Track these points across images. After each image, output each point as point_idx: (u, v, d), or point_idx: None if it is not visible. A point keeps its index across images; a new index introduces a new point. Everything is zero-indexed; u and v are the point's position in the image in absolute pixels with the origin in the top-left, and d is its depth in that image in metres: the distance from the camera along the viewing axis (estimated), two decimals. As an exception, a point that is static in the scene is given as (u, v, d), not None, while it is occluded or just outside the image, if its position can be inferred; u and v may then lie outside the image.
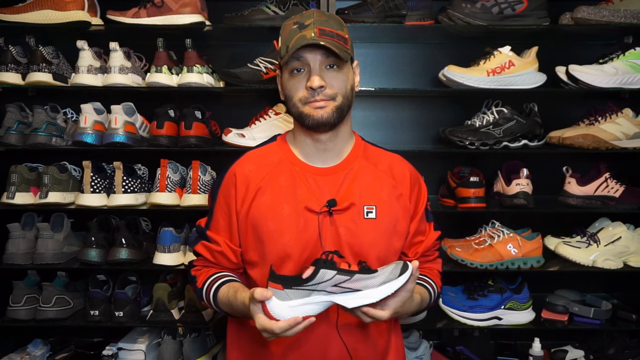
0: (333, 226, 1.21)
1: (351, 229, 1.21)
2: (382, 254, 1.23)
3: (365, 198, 1.23)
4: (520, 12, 1.85)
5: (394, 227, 1.25)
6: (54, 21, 1.81)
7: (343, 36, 1.18)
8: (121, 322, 1.89)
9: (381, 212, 1.23)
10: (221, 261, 1.27)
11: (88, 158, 1.87)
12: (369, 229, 1.22)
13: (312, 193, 1.22)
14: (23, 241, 1.87)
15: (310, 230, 1.20)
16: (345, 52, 1.17)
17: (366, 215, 1.22)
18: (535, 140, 1.94)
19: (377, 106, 2.19)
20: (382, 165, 1.29)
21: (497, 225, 1.95)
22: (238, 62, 1.93)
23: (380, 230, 1.23)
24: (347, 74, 1.20)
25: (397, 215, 1.25)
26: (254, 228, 1.22)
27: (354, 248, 1.21)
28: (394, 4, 1.85)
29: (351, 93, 1.22)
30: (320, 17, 1.18)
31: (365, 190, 1.24)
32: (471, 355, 2.07)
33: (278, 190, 1.23)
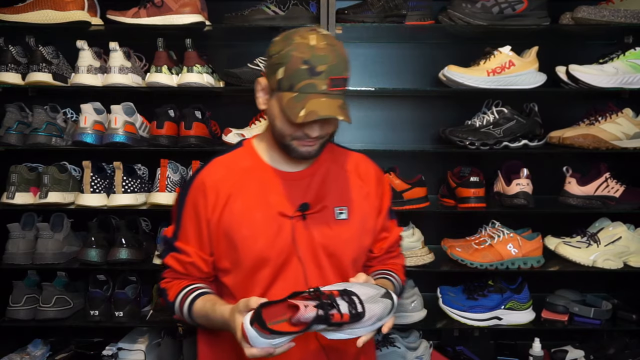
0: (307, 230, 1.21)
1: (325, 232, 1.22)
2: (355, 253, 1.26)
3: (336, 199, 1.25)
4: (521, 12, 1.85)
5: (364, 225, 1.26)
6: (54, 21, 1.81)
7: (347, 78, 1.17)
8: (121, 322, 1.89)
9: (352, 211, 1.25)
10: (192, 272, 1.24)
11: (88, 158, 1.87)
12: (342, 230, 1.23)
13: (284, 198, 1.22)
14: (23, 241, 1.87)
15: (284, 235, 1.19)
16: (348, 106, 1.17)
17: (338, 216, 1.23)
18: (536, 140, 1.94)
19: (377, 106, 2.19)
20: (349, 165, 1.30)
21: (497, 225, 1.95)
22: (238, 62, 1.93)
23: (353, 230, 1.24)
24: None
25: (366, 214, 1.27)
26: (226, 235, 1.20)
27: (329, 249, 1.22)
28: (394, 4, 1.85)
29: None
30: (333, 60, 1.11)
31: (335, 191, 1.25)
32: (471, 355, 2.07)
33: (249, 197, 1.21)
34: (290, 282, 1.19)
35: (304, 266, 1.21)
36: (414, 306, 1.92)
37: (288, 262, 1.20)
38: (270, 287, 1.20)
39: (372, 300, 1.06)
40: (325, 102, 1.11)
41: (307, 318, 0.97)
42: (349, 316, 1.01)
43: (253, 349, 0.97)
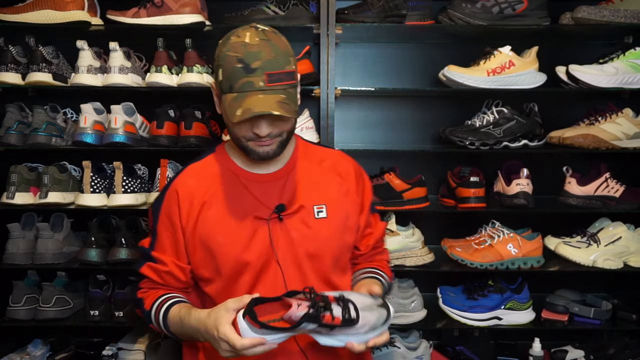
0: (284, 231, 1.19)
1: (303, 232, 1.20)
2: (337, 251, 1.24)
3: (314, 198, 1.23)
4: (521, 12, 1.85)
5: (345, 223, 1.25)
6: (53, 21, 1.81)
7: (291, 71, 1.11)
8: (121, 322, 1.89)
9: (331, 209, 1.23)
10: (169, 281, 1.24)
11: (88, 158, 1.87)
12: (322, 228, 1.21)
13: (258, 201, 1.21)
14: (23, 241, 1.87)
15: (260, 238, 1.18)
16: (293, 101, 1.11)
17: (317, 215, 1.22)
18: (536, 140, 1.94)
19: (377, 106, 2.19)
20: (326, 163, 1.29)
21: (497, 225, 1.95)
22: (238, 62, 1.93)
23: (333, 228, 1.23)
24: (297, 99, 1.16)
25: (347, 211, 1.25)
26: (202, 243, 1.19)
27: (309, 250, 1.20)
28: (394, 4, 1.85)
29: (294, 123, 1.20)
30: (268, 55, 1.08)
31: (313, 190, 1.24)
32: (471, 355, 2.07)
33: (223, 202, 1.20)
34: (270, 286, 1.17)
35: (283, 269, 1.19)
36: (414, 306, 1.92)
37: (267, 265, 1.19)
38: (252, 292, 1.14)
39: (367, 308, 1.06)
40: (262, 99, 1.08)
41: (298, 315, 0.97)
42: (340, 320, 1.00)
43: (244, 339, 0.98)
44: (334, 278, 1.25)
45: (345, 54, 2.12)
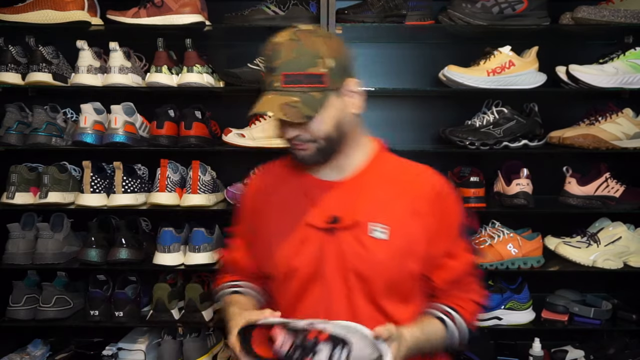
0: (336, 245, 1.11)
1: (356, 249, 1.10)
2: (393, 278, 1.11)
3: (375, 215, 1.11)
4: (521, 12, 1.85)
5: (409, 248, 1.10)
6: (53, 21, 1.81)
7: (316, 74, 1.05)
8: (121, 322, 1.89)
9: (394, 231, 1.09)
10: (239, 269, 1.26)
11: (88, 158, 1.87)
12: (378, 250, 1.09)
13: (315, 208, 1.14)
14: (23, 241, 1.87)
15: (311, 247, 1.12)
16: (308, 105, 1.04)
17: (373, 235, 1.10)
18: (535, 140, 1.94)
19: (377, 106, 2.18)
20: (401, 178, 1.15)
21: (497, 225, 1.95)
22: (238, 62, 1.93)
23: (392, 251, 1.09)
24: (329, 110, 1.07)
25: (412, 235, 1.10)
26: (262, 240, 1.19)
27: (359, 269, 1.10)
28: (394, 4, 1.85)
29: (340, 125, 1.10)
30: (288, 55, 1.05)
31: (375, 207, 1.12)
32: (471, 355, 2.07)
33: (282, 203, 1.18)
34: (316, 298, 1.12)
35: (330, 286, 1.11)
36: (414, 306, 1.92)
37: (315, 277, 1.12)
38: (298, 301, 1.13)
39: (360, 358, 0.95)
40: (270, 99, 1.05)
41: (281, 353, 0.96)
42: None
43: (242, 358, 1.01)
44: (387, 305, 1.11)
45: (345, 54, 2.12)
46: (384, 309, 1.11)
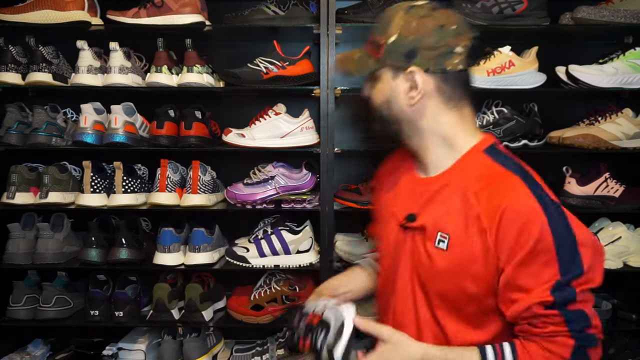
0: (409, 243, 1.10)
1: (420, 252, 1.07)
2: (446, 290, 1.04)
3: (441, 223, 1.04)
4: (520, 12, 1.85)
5: (469, 266, 1.00)
6: (54, 21, 1.81)
7: (378, 42, 1.06)
8: (121, 322, 1.89)
9: (453, 244, 1.01)
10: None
11: (88, 158, 1.87)
12: (435, 258, 1.03)
13: (401, 201, 1.14)
14: (23, 241, 1.87)
15: (392, 238, 1.14)
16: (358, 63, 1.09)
17: (437, 244, 1.03)
18: (535, 140, 1.94)
19: (377, 106, 2.19)
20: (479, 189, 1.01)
21: (497, 225, 1.95)
22: (238, 62, 1.93)
23: (449, 264, 1.02)
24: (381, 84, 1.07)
25: (473, 254, 0.99)
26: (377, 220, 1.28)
27: (419, 272, 1.08)
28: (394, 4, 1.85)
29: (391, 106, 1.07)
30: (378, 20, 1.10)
31: (444, 213, 1.04)
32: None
33: (387, 191, 1.21)
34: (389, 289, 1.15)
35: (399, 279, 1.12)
36: (414, 306, 1.92)
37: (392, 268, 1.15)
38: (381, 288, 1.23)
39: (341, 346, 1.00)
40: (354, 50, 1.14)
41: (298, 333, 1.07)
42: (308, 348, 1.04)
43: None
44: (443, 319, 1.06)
45: (345, 54, 2.12)
46: (440, 321, 1.06)
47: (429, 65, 1.03)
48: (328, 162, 1.85)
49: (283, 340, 1.97)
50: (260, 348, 1.97)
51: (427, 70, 1.03)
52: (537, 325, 0.96)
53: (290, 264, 1.90)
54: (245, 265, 1.89)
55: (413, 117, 1.07)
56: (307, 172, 1.93)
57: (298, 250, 1.91)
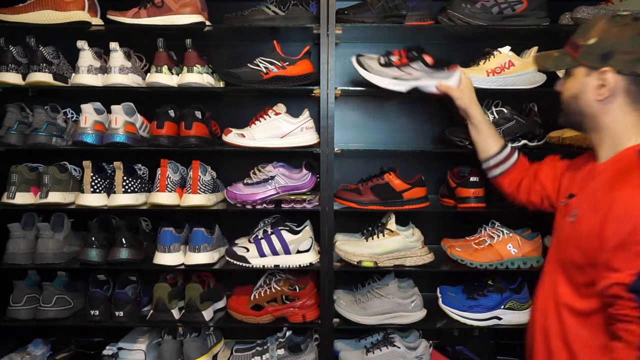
0: (561, 217, 1.34)
1: (562, 227, 1.31)
2: (566, 261, 1.26)
3: (580, 200, 1.26)
4: (520, 12, 1.85)
5: (582, 241, 1.19)
6: (54, 21, 1.81)
7: (577, 43, 1.25)
8: (121, 322, 1.90)
9: (579, 218, 1.23)
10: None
11: (88, 158, 1.88)
12: (565, 230, 1.29)
13: (575, 180, 1.35)
14: (23, 241, 1.88)
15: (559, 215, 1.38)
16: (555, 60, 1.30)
17: (570, 217, 1.26)
18: (535, 140, 1.94)
19: (377, 106, 2.19)
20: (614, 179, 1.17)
21: (497, 225, 1.95)
22: (238, 62, 1.94)
23: (570, 235, 1.25)
24: (573, 80, 1.27)
25: (588, 230, 1.16)
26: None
27: (556, 242, 1.35)
28: (394, 4, 1.85)
29: (578, 101, 1.26)
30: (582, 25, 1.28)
31: (587, 194, 1.25)
32: (471, 355, 2.07)
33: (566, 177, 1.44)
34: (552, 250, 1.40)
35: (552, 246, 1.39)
36: (414, 306, 1.93)
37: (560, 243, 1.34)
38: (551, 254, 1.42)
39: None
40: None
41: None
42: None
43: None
44: (560, 283, 1.28)
45: (345, 54, 2.12)
46: (557, 284, 1.28)
47: (621, 67, 1.18)
48: (328, 162, 1.86)
49: (283, 340, 1.98)
50: (260, 348, 1.97)
51: (619, 72, 1.18)
52: (614, 306, 1.09)
53: (290, 264, 1.90)
54: (245, 265, 1.89)
55: (597, 113, 1.23)
56: (307, 172, 1.93)
57: (298, 250, 1.91)
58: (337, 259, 1.92)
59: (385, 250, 1.89)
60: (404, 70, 1.69)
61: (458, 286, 2.03)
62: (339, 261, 1.93)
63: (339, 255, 1.91)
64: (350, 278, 2.12)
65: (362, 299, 1.96)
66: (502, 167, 1.66)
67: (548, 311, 1.30)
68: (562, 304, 1.25)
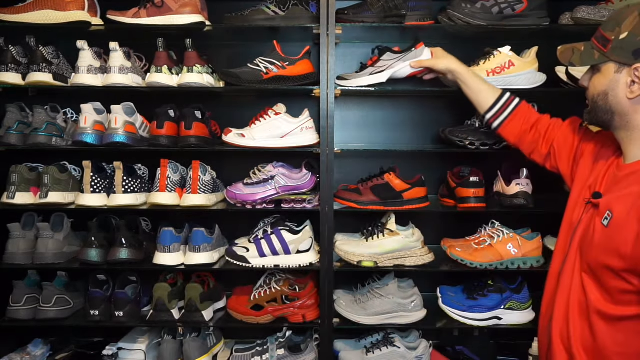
0: (586, 217, 1.25)
1: (589, 226, 1.22)
2: (597, 265, 1.17)
3: (613, 203, 1.17)
4: (520, 12, 1.85)
5: (619, 246, 1.11)
6: (54, 21, 1.81)
7: (606, 37, 1.17)
8: (121, 322, 1.89)
9: (614, 223, 1.14)
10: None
11: (88, 158, 1.88)
12: (597, 233, 1.18)
13: (597, 177, 1.27)
14: (23, 241, 1.88)
15: (577, 210, 1.30)
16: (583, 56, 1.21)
17: (603, 220, 1.17)
18: (535, 140, 1.94)
19: (377, 106, 2.19)
20: None
21: (497, 225, 1.95)
22: (238, 62, 1.94)
23: (604, 240, 1.16)
24: (602, 77, 1.19)
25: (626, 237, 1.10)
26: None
27: (582, 241, 1.24)
28: (394, 4, 1.85)
29: (608, 98, 1.18)
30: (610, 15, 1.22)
31: (620, 196, 1.16)
32: (471, 355, 2.07)
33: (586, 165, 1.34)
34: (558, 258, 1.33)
35: (572, 243, 1.27)
36: (414, 306, 1.92)
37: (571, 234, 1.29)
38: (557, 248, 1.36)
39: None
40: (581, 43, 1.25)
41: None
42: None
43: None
44: (588, 285, 1.20)
45: (345, 54, 2.12)
46: (585, 287, 1.21)
47: None
48: (328, 162, 1.86)
49: (283, 340, 1.97)
50: (260, 348, 1.97)
51: None
52: None
53: (290, 264, 1.90)
54: (245, 265, 1.89)
55: (628, 110, 1.17)
56: (307, 172, 1.93)
57: (298, 250, 1.91)
58: (337, 259, 1.92)
59: (385, 250, 1.89)
60: (376, 66, 1.79)
61: (458, 286, 2.03)
62: (339, 261, 1.93)
63: (339, 255, 1.91)
64: (350, 278, 2.12)
65: (362, 299, 1.96)
66: (501, 117, 1.64)
67: (570, 316, 1.23)
68: (593, 310, 1.18)
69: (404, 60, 1.81)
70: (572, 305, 1.23)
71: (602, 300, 1.16)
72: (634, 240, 1.07)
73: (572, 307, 1.23)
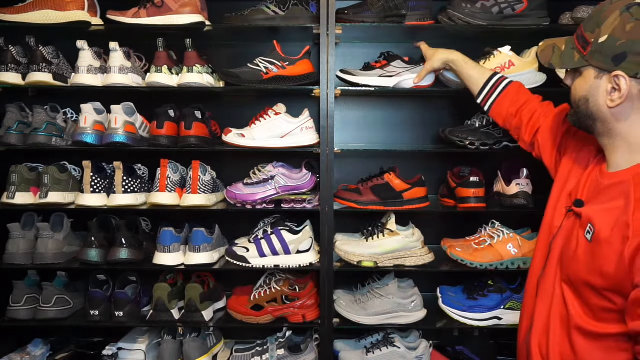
0: (567, 225, 1.19)
1: (572, 237, 1.14)
2: (578, 281, 1.10)
3: (596, 215, 1.08)
4: (520, 12, 1.85)
5: (601, 264, 1.03)
6: (54, 21, 1.81)
7: (586, 38, 1.08)
8: (121, 322, 1.89)
9: (596, 238, 1.06)
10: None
11: (88, 158, 1.88)
12: (579, 247, 1.10)
13: (579, 183, 1.21)
14: (23, 241, 1.88)
15: (557, 217, 1.24)
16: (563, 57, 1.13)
17: (585, 233, 1.09)
18: (535, 140, 1.94)
19: (377, 106, 2.19)
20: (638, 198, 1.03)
21: (497, 225, 1.95)
22: (238, 62, 1.94)
23: (586, 256, 1.07)
24: (582, 81, 1.11)
25: (609, 255, 1.02)
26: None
27: (562, 252, 1.17)
28: (394, 4, 1.85)
29: (588, 105, 1.10)
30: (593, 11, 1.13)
31: (603, 209, 1.08)
32: (471, 355, 2.07)
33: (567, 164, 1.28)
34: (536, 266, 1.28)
35: (552, 251, 1.21)
36: (414, 306, 1.92)
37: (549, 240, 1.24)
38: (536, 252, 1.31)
39: None
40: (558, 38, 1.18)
41: None
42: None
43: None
44: (569, 299, 1.13)
45: (345, 54, 2.12)
46: (566, 300, 1.15)
47: (637, 71, 1.02)
48: (328, 162, 1.86)
49: (283, 340, 1.97)
50: (260, 348, 1.97)
51: (634, 76, 1.02)
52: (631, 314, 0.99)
53: (290, 264, 1.90)
54: (245, 265, 1.89)
55: (610, 118, 1.09)
56: (307, 172, 1.93)
57: (298, 250, 1.91)
58: (337, 259, 1.92)
59: (385, 250, 1.89)
60: (386, 69, 1.82)
61: (458, 286, 2.03)
62: (339, 261, 1.93)
63: (339, 255, 1.91)
64: (350, 278, 2.12)
65: (362, 299, 1.96)
66: (491, 99, 1.63)
67: (551, 329, 1.17)
68: (574, 325, 1.11)
69: (412, 72, 1.87)
70: (553, 318, 1.17)
71: (584, 315, 1.10)
72: (617, 259, 0.99)
73: (553, 320, 1.17)
